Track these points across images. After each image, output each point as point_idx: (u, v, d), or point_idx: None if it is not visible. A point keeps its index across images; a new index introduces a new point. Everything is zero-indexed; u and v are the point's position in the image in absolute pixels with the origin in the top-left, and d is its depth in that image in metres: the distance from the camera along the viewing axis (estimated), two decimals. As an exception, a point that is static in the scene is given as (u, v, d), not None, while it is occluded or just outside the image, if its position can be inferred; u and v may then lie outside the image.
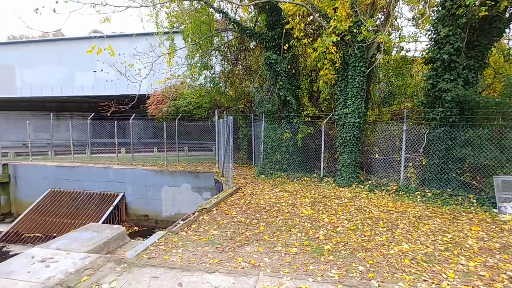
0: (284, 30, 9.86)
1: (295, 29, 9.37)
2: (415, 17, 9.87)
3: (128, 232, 5.73)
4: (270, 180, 10.12)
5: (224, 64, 14.00)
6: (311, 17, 10.03)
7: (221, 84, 14.09)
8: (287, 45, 9.86)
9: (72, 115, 26.70)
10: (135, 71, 10.33)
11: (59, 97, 22.70)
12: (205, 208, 6.87)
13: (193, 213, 6.55)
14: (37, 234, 11.86)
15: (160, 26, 12.32)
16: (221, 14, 11.20)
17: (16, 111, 26.80)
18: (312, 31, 10.80)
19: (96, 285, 3.35)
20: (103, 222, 11.62)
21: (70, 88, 21.64)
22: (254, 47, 13.58)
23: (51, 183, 14.28)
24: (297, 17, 9.53)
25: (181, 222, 5.92)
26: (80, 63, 20.90)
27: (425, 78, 8.45)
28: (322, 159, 10.04)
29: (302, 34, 9.37)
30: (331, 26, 8.31)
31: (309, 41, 9.65)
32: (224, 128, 10.82)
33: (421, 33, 9.40)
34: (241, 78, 14.34)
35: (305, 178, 10.07)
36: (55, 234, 11.28)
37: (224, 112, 13.53)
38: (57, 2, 7.87)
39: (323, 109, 10.48)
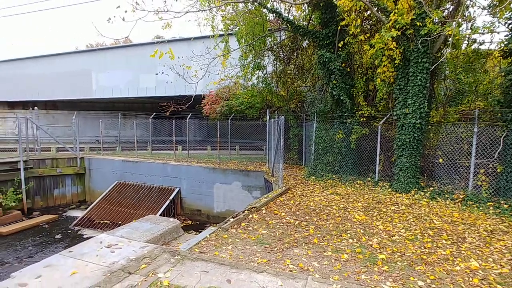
0: (339, 27, 9.51)
1: (350, 25, 8.97)
2: (492, 4, 8.73)
3: (182, 225, 6.06)
4: (321, 182, 9.87)
5: (276, 64, 14.03)
6: (369, 11, 9.51)
7: (273, 84, 14.14)
8: (341, 42, 9.50)
9: (137, 114, 29.20)
10: (192, 73, 10.90)
11: (126, 98, 25.02)
12: (254, 207, 6.96)
13: (243, 211, 6.68)
14: (105, 221, 13.22)
15: (215, 29, 12.81)
16: (274, 14, 11.23)
17: (92, 110, 30.28)
18: (369, 27, 10.25)
19: (152, 274, 3.61)
20: (161, 215, 12.49)
21: (135, 89, 23.71)
22: (307, 46, 13.36)
23: (118, 176, 15.82)
24: (353, 13, 9.10)
25: (231, 220, 6.08)
26: (144, 66, 22.78)
27: (503, 74, 7.44)
28: (377, 162, 9.47)
29: (358, 30, 8.94)
30: (390, 20, 7.78)
31: (365, 37, 9.17)
32: (275, 128, 10.84)
33: (499, 23, 8.28)
34: (293, 77, 14.23)
35: (358, 182, 9.61)
36: (120, 222, 12.46)
37: (276, 112, 13.56)
38: (126, 11, 8.66)
39: (379, 109, 9.88)
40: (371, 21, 10.21)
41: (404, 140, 8.45)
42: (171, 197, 13.76)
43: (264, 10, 11.43)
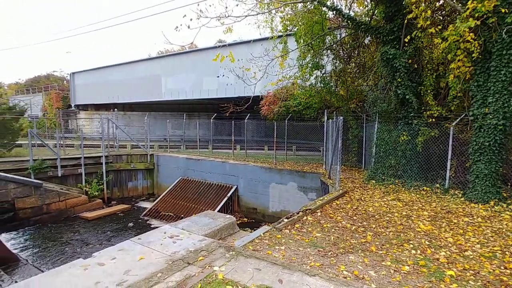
0: (405, 20, 8.82)
1: (419, 18, 8.25)
2: None
3: (238, 222, 6.29)
4: (381, 187, 9.28)
5: (335, 62, 13.59)
6: (441, 1, 8.64)
7: (331, 84, 13.73)
8: (408, 37, 8.79)
9: (200, 115, 31.03)
10: (251, 75, 11.21)
11: (190, 100, 26.78)
12: (309, 209, 6.87)
13: (297, 213, 6.65)
14: (170, 213, 14.37)
15: (274, 30, 12.94)
16: (334, 12, 10.90)
17: (161, 111, 33.13)
18: (441, 18, 9.29)
19: (209, 266, 3.83)
20: (219, 211, 13.10)
21: (199, 92, 25.26)
22: (369, 42, 12.67)
23: (182, 172, 17.04)
24: (422, 4, 8.35)
25: (285, 220, 6.10)
26: (207, 70, 24.11)
27: None
28: (448, 168, 8.53)
29: (428, 22, 8.17)
30: (468, 8, 6.95)
31: (437, 30, 8.33)
32: (333, 128, 10.54)
33: None
34: (353, 76, 13.62)
35: (424, 188, 8.79)
36: (182, 215, 13.41)
37: (334, 112, 13.15)
38: (191, 19, 9.31)
39: (452, 108, 8.87)
40: (443, 12, 9.24)
41: (483, 143, 7.47)
42: (228, 194, 14.33)
43: (324, 9, 11.17)
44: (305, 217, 6.47)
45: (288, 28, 12.46)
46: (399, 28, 9.29)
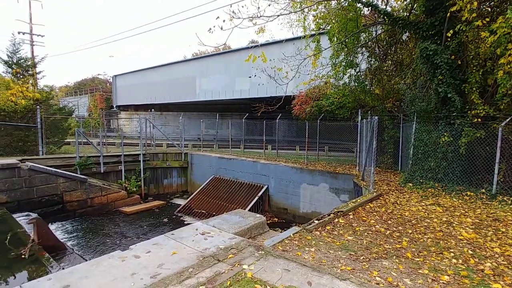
0: (448, 13, 8.27)
1: (463, 10, 7.70)
2: None
3: (268, 222, 6.31)
4: (419, 190, 8.79)
5: (371, 60, 13.11)
6: (490, -8, 7.99)
7: (366, 82, 13.26)
8: (451, 31, 8.24)
9: (232, 115, 31.48)
10: (283, 74, 11.17)
11: (223, 100, 27.30)
12: (341, 211, 6.71)
13: (329, 214, 6.53)
14: (202, 211, 14.75)
15: (307, 29, 12.78)
16: (369, 8, 10.54)
17: (195, 111, 34.14)
18: (489, 10, 8.58)
19: (238, 264, 3.89)
20: (249, 210, 13.21)
21: (231, 92, 25.67)
22: (407, 39, 12.06)
23: (214, 171, 17.42)
24: (468, -4, 7.78)
25: (316, 222, 6.01)
26: (240, 70, 24.42)
27: None
28: (496, 171, 7.86)
29: (474, 15, 7.60)
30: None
31: (484, 22, 7.72)
32: (367, 128, 10.19)
33: None
34: (390, 74, 13.04)
35: (468, 193, 8.18)
36: (214, 213, 13.71)
37: (369, 112, 12.69)
38: (224, 21, 9.50)
39: (501, 107, 8.15)
40: (491, 3, 8.53)
41: (538, 146, 6.80)
42: (259, 194, 14.40)
43: (359, 5, 10.82)
44: (336, 219, 6.33)
45: (321, 27, 12.23)
46: (441, 22, 8.73)
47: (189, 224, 5.60)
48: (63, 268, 6.48)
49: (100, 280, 3.45)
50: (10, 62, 16.87)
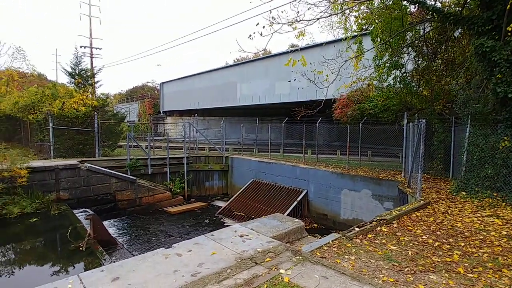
0: (508, 5, 7.52)
1: (527, 2, 6.97)
2: None
3: (307, 227, 6.25)
4: (474, 200, 8.04)
5: (418, 60, 12.37)
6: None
7: (413, 84, 12.53)
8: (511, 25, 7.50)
9: (272, 119, 31.64)
10: (323, 78, 11.00)
11: (263, 105, 27.57)
12: (384, 219, 6.41)
13: (371, 222, 6.27)
14: (241, 213, 14.98)
15: (348, 30, 12.46)
16: (416, 5, 9.98)
17: (235, 116, 34.90)
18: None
19: (275, 268, 3.91)
20: (288, 214, 13.13)
21: (271, 96, 25.84)
22: (459, 35, 11.18)
23: (253, 175, 17.62)
24: (533, -15, 7.02)
25: (357, 229, 5.82)
26: (280, 74, 24.52)
27: None
28: None
29: (539, 6, 6.84)
30: None
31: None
32: (414, 132, 9.62)
33: None
34: (439, 74, 12.17)
35: (536, 205, 7.31)
36: (253, 216, 13.85)
37: (415, 114, 11.95)
38: (263, 27, 9.65)
39: None
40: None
41: None
42: (298, 199, 14.25)
43: (404, 3, 10.30)
44: (379, 228, 6.06)
45: (363, 27, 11.84)
46: (500, 16, 7.97)
47: (228, 226, 5.76)
48: (114, 261, 7.03)
49: (145, 274, 3.70)
50: (73, 73, 18.80)
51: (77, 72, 18.85)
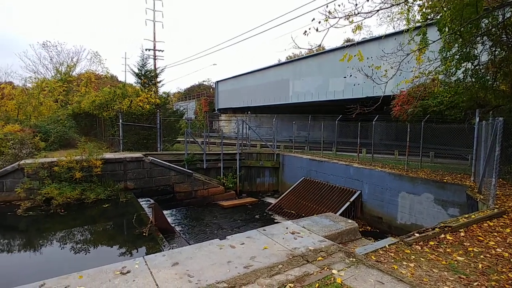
0: None
1: None
2: None
3: (360, 230, 6.02)
4: None
5: (495, 51, 10.97)
6: None
7: (488, 77, 11.16)
8: None
9: (324, 117, 30.86)
10: (381, 73, 10.40)
11: (315, 102, 27.03)
12: (449, 226, 5.88)
13: (433, 229, 5.81)
14: (291, 211, 14.96)
15: (411, 21, 11.56)
16: (495, -11, 8.85)
17: (287, 113, 34.82)
18: None
19: (327, 268, 3.87)
20: (340, 215, 12.72)
21: (324, 93, 25.22)
22: (551, 20, 9.62)
23: (304, 173, 17.43)
24: None
25: (417, 235, 5.44)
26: (334, 71, 23.79)
27: None
28: None
29: None
30: None
31: None
32: (487, 132, 8.61)
33: None
34: (523, 66, 10.65)
35: None
36: (303, 214, 13.74)
37: (490, 112, 10.65)
38: (319, 22, 9.45)
39: None
40: None
41: None
42: (351, 199, 13.74)
43: (480, -14, 9.20)
44: (442, 235, 5.58)
45: (428, 17, 10.87)
46: None
47: (278, 222, 5.83)
48: (172, 248, 7.59)
49: (202, 262, 3.95)
50: (139, 74, 20.63)
51: (142, 73, 20.61)
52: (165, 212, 13.24)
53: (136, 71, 20.67)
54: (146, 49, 29.23)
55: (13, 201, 11.55)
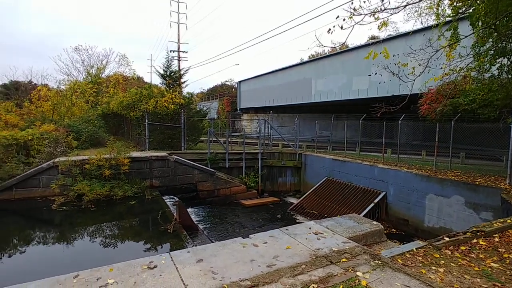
0: None
1: None
2: None
3: (385, 232, 5.87)
4: None
5: (535, 45, 10.28)
6: None
7: (526, 73, 10.48)
8: None
9: (348, 116, 30.25)
10: (408, 71, 10.05)
11: (339, 101, 26.55)
12: (482, 231, 5.60)
13: (464, 233, 5.56)
14: (313, 211, 14.80)
15: (440, 16, 11.09)
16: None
17: (309, 113, 34.45)
18: None
19: (352, 270, 3.81)
20: (364, 216, 12.45)
21: (348, 92, 24.71)
22: None
23: (327, 173, 17.18)
24: None
25: (446, 239, 5.23)
26: (358, 69, 23.26)
27: None
28: None
29: None
30: None
31: None
32: (525, 132, 8.09)
33: None
34: None
35: None
36: (326, 215, 13.55)
37: (529, 110, 10.02)
38: (344, 19, 9.29)
39: None
40: None
41: None
42: (376, 201, 13.39)
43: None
44: (474, 240, 5.33)
45: (460, 11, 10.37)
46: None
47: (300, 222, 5.81)
48: (195, 245, 7.76)
49: (225, 260, 4.02)
50: (164, 75, 21.21)
51: (167, 74, 21.16)
52: (188, 210, 13.53)
53: (162, 72, 21.26)
54: (170, 51, 29.99)
55: (48, 196, 12.29)
